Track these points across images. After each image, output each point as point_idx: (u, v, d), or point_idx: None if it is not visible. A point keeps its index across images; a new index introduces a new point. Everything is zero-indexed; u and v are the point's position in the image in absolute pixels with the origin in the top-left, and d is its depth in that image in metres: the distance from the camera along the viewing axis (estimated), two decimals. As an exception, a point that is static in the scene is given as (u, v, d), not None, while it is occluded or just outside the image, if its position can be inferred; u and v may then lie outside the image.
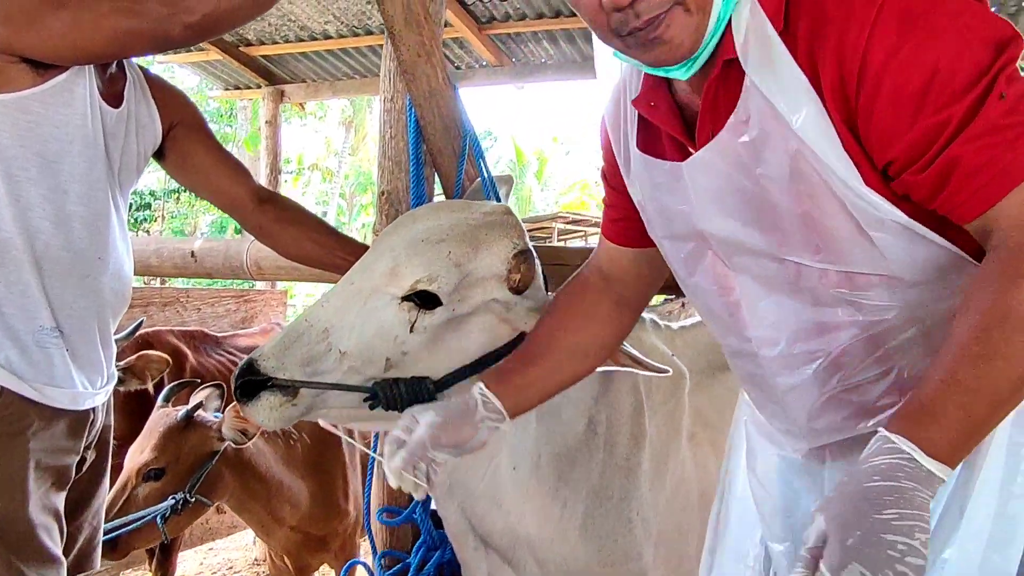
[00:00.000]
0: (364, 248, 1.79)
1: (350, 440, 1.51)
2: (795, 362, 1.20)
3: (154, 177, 14.87)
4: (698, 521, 1.96)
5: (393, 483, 1.26)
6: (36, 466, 1.66)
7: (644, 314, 2.02)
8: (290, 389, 1.46)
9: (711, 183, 1.14)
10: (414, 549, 1.85)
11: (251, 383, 1.45)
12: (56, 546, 1.69)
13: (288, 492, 2.84)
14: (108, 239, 1.74)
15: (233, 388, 1.46)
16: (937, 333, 1.11)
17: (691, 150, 1.17)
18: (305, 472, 2.93)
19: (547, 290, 1.73)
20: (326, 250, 1.92)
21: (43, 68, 1.57)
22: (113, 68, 1.75)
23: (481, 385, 1.38)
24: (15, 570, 1.61)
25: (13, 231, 1.59)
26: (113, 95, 1.74)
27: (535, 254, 1.64)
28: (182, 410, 2.48)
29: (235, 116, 14.83)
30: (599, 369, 1.58)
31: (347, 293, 1.54)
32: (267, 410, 1.45)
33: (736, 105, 1.07)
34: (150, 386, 2.74)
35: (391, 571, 1.83)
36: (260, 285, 5.40)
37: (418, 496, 1.28)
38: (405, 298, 1.52)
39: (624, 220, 1.44)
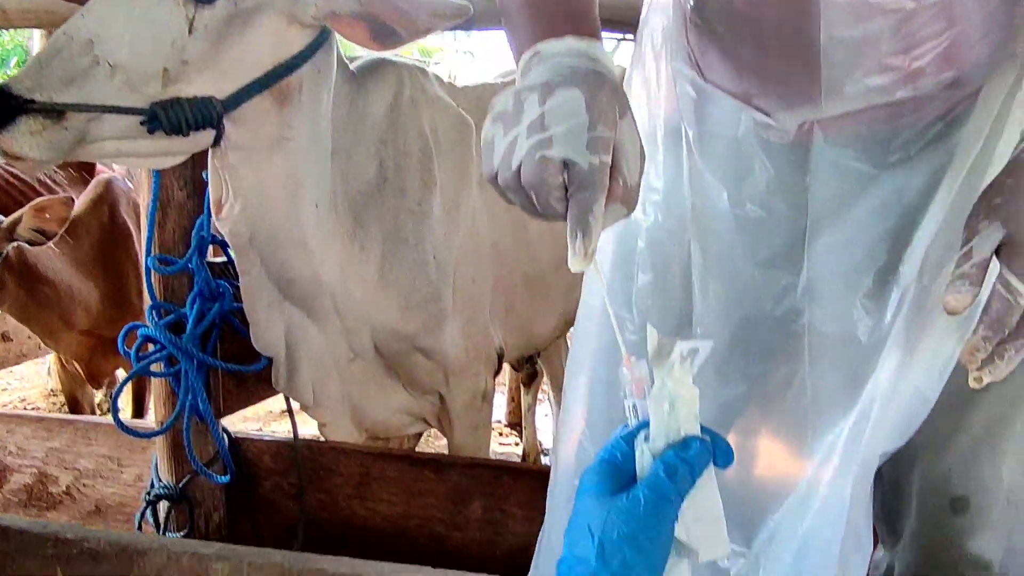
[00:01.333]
0: None
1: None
2: (865, 12, 1.03)
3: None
4: (491, 272, 2.01)
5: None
6: None
7: (428, 68, 2.00)
8: (54, 113, 1.30)
9: None
10: (189, 300, 1.76)
11: (4, 110, 1.28)
12: None
13: (78, 294, 2.70)
14: None
15: None
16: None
17: None
18: (94, 271, 2.78)
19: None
20: None
21: None
22: None
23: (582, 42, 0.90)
24: None
25: None
26: None
27: None
28: None
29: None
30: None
31: None
32: (27, 136, 1.29)
33: None
34: None
35: (164, 321, 1.75)
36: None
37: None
38: None
39: None
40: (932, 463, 1.16)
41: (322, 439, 2.02)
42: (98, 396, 4.49)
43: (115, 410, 1.83)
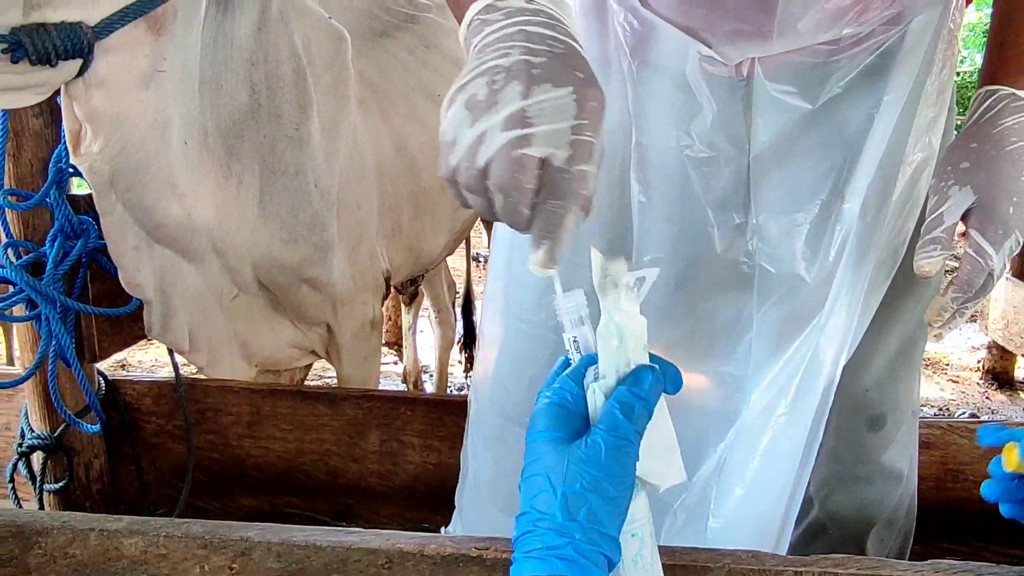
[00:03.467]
0: None
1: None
2: None
3: None
4: (375, 194, 2.00)
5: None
6: None
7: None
8: None
9: None
10: (49, 238, 1.67)
11: None
12: None
13: None
14: None
15: None
16: None
17: None
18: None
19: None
20: None
21: None
22: None
23: None
24: None
25: None
26: None
27: None
28: None
29: None
30: None
31: None
32: None
33: None
34: None
35: (22, 261, 1.65)
36: None
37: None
38: None
39: None
40: (850, 385, 1.23)
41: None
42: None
43: (-31, 359, 1.74)
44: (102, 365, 1.94)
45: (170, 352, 1.88)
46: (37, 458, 1.81)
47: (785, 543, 1.22)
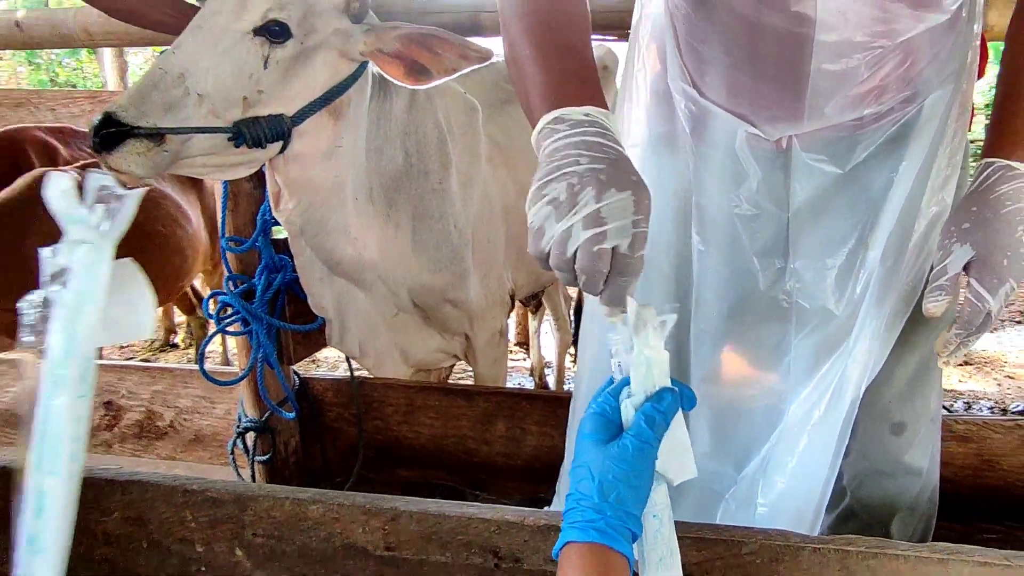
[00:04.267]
0: (194, 7, 1.71)
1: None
2: (849, 50, 1.15)
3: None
4: (502, 231, 2.22)
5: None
6: None
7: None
8: (155, 136, 1.42)
9: None
10: (257, 272, 2.00)
11: (113, 134, 1.40)
12: None
13: None
14: None
15: (92, 143, 1.40)
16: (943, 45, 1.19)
17: None
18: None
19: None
20: (154, 6, 1.84)
21: None
22: None
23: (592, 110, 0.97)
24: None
25: None
26: None
27: None
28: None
29: None
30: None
31: (198, 37, 1.52)
32: (134, 156, 1.41)
33: None
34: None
35: (238, 290, 2.01)
36: (112, 85, 5.16)
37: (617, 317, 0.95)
38: (257, 32, 1.53)
39: None
40: (876, 398, 1.38)
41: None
42: (180, 335, 4.94)
43: (201, 363, 2.11)
44: (295, 365, 2.26)
45: (346, 357, 2.20)
46: (250, 437, 2.15)
47: (819, 525, 1.36)
